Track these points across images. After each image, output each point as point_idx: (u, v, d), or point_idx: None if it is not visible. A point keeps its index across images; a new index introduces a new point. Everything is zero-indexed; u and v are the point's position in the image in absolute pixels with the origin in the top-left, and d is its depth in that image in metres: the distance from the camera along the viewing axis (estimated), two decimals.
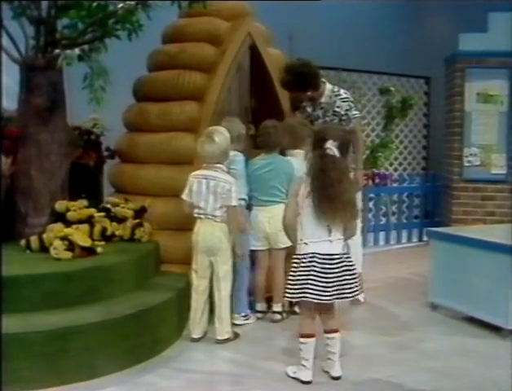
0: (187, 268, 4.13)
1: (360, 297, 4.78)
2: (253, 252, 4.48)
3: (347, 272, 3.28)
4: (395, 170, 8.81)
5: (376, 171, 7.45)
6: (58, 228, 3.90)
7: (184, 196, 3.97)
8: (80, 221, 4.07)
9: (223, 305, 3.94)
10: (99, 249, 3.93)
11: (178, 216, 4.30)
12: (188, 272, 4.07)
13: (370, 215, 7.53)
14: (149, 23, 4.09)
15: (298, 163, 4.46)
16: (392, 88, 7.41)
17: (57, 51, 4.07)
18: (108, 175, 5.23)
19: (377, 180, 7.57)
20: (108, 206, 4.41)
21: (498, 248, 4.14)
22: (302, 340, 3.33)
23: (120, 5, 3.98)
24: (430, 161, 9.19)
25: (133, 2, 3.98)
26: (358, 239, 4.76)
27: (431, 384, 3.37)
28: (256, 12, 5.23)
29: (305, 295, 3.23)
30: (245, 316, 4.36)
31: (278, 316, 4.42)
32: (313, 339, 3.33)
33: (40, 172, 4.16)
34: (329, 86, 4.96)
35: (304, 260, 3.26)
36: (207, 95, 4.70)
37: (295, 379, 3.37)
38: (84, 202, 4.24)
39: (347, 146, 3.37)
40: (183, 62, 4.79)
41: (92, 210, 4.21)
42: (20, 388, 3.10)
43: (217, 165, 3.93)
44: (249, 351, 3.84)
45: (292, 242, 3.52)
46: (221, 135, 3.92)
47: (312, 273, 3.22)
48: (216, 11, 4.90)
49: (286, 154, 4.64)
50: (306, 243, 3.28)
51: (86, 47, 4.06)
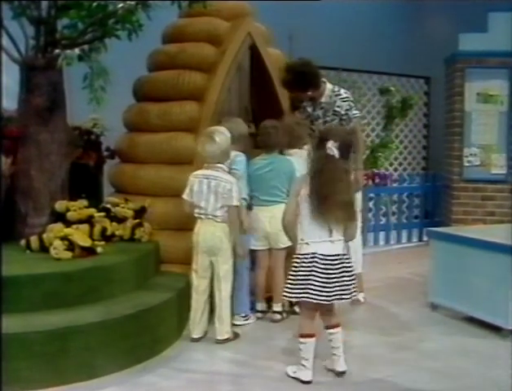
0: (187, 268, 4.13)
1: (360, 297, 4.79)
2: (253, 251, 4.49)
3: (346, 273, 3.28)
4: (395, 170, 8.82)
5: (376, 171, 7.45)
6: (58, 228, 3.90)
7: (185, 196, 3.97)
8: (80, 221, 4.07)
9: (224, 305, 3.94)
10: (99, 249, 3.93)
11: (178, 216, 4.31)
12: (188, 272, 4.07)
13: (370, 215, 7.52)
14: (149, 23, 4.09)
15: (296, 162, 4.46)
16: (392, 88, 7.41)
17: (57, 51, 4.07)
18: (108, 175, 5.22)
19: (377, 180, 7.56)
20: (108, 206, 4.41)
21: (498, 248, 4.14)
22: (302, 340, 3.33)
23: (120, 5, 3.98)
24: (430, 161, 9.19)
25: (133, 2, 3.99)
26: (358, 239, 4.75)
27: (431, 384, 3.37)
28: (256, 12, 5.23)
29: (306, 295, 3.23)
30: (245, 316, 4.36)
31: (278, 316, 4.42)
32: (313, 339, 3.33)
33: (40, 172, 4.16)
34: (330, 86, 4.96)
35: (305, 260, 3.26)
36: (207, 95, 4.70)
37: (295, 379, 3.37)
38: (84, 202, 4.23)
39: (349, 147, 3.35)
40: (183, 62, 4.79)
41: (92, 210, 4.21)
42: (20, 388, 3.10)
43: (218, 165, 3.94)
44: (249, 351, 3.84)
45: (291, 242, 3.53)
46: (222, 135, 3.92)
47: (313, 273, 3.22)
48: (216, 11, 4.90)
49: (284, 153, 4.64)
50: (307, 243, 3.28)
51: (86, 47, 4.06)
